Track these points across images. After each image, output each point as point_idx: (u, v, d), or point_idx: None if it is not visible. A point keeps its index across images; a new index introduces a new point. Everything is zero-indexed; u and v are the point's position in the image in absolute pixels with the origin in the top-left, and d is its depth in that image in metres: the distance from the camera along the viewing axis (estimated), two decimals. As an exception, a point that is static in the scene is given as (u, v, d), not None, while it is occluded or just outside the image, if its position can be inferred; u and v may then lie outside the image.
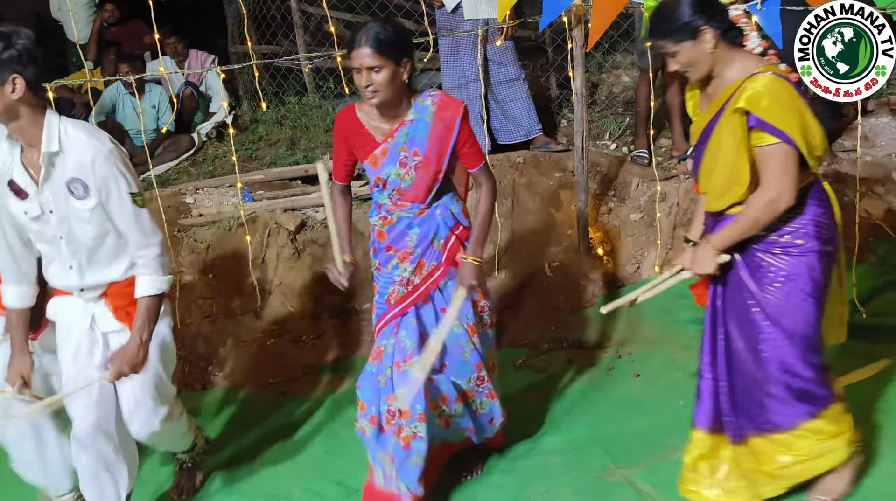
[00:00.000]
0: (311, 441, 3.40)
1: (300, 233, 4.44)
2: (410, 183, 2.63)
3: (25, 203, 2.44)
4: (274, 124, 5.68)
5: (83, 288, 2.55)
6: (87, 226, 2.44)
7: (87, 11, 7.04)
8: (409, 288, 2.72)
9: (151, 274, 2.53)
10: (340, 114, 2.70)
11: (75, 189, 2.38)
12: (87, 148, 2.36)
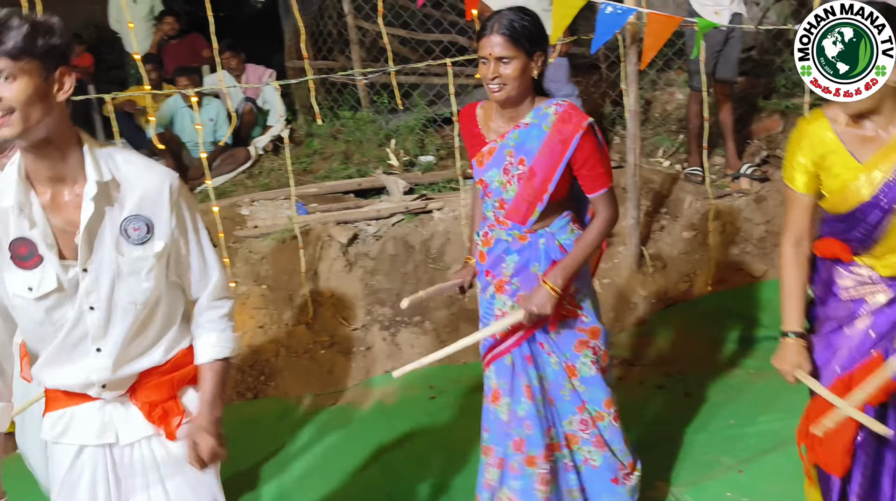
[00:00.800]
0: (360, 453, 3.43)
1: (352, 246, 4.50)
2: (513, 194, 2.37)
3: (33, 274, 1.71)
4: (328, 138, 5.77)
5: (106, 384, 1.81)
6: (143, 283, 1.78)
7: (146, 24, 7.23)
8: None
9: (224, 330, 1.91)
10: (462, 111, 2.52)
11: (135, 231, 1.75)
12: (152, 175, 1.77)
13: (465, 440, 3.41)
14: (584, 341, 2.50)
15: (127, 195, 1.75)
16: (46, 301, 1.73)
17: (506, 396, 2.51)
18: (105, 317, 1.78)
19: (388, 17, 4.72)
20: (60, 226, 1.72)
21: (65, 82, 1.65)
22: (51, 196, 1.71)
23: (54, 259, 1.71)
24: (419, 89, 5.97)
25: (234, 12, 13.17)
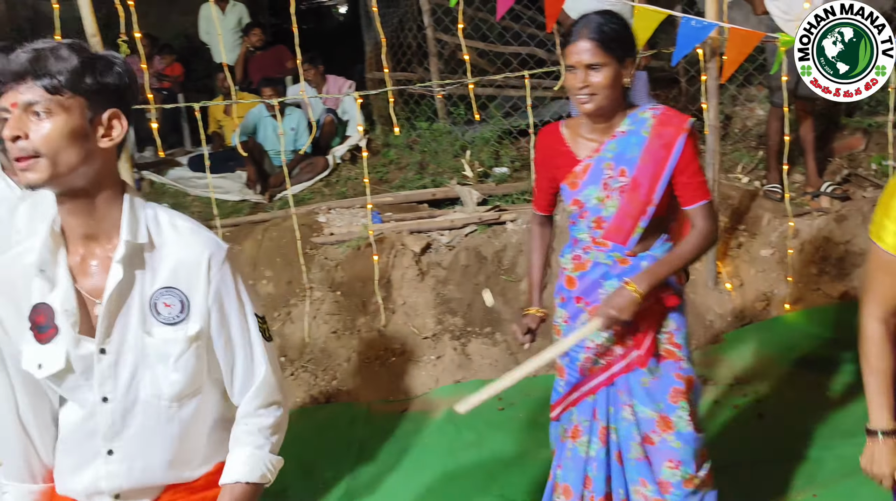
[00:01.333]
0: (428, 461, 3.47)
1: (425, 255, 4.56)
2: (613, 211, 2.19)
3: (46, 349, 1.43)
4: (405, 148, 5.87)
5: (119, 495, 1.49)
6: (171, 374, 1.46)
7: (234, 35, 7.52)
8: (607, 358, 2.28)
9: (260, 447, 1.52)
10: (542, 132, 2.33)
11: (165, 307, 1.44)
12: (197, 243, 1.46)
13: (533, 453, 3.41)
14: (681, 391, 2.26)
15: (162, 263, 1.45)
16: (63, 382, 1.45)
17: (586, 434, 2.35)
18: (121, 412, 1.45)
19: (467, 30, 4.78)
20: (86, 295, 1.44)
21: (113, 127, 1.39)
22: (82, 257, 1.44)
23: (69, 332, 1.42)
24: (496, 101, 6.02)
25: (318, 25, 13.57)
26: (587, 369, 2.32)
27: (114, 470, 1.47)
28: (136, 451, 1.47)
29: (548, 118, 5.66)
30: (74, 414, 1.47)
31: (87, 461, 1.47)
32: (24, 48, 1.34)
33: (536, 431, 3.58)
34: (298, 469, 3.52)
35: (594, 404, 2.33)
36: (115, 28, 4.10)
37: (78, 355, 1.42)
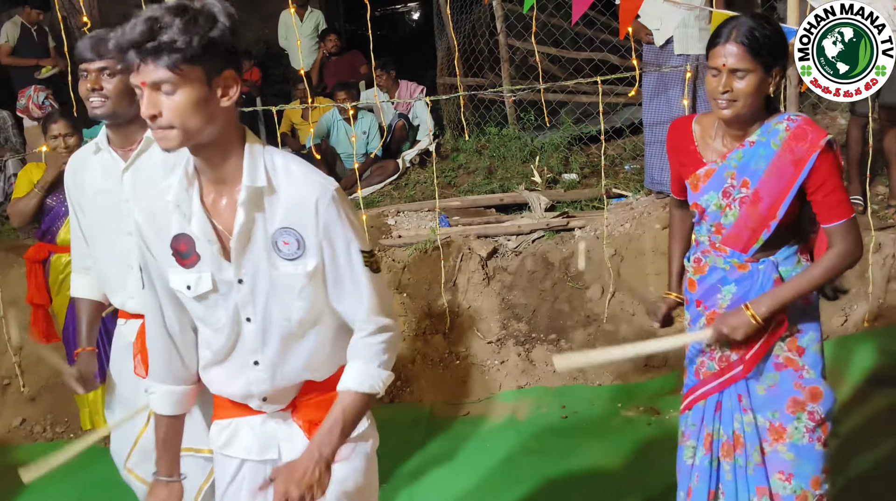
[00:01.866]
0: (489, 466, 3.46)
1: (491, 260, 4.55)
2: (733, 220, 2.12)
3: (191, 273, 1.64)
4: (473, 153, 5.88)
5: (266, 397, 1.72)
6: (294, 303, 1.65)
7: (310, 41, 7.70)
8: (721, 363, 2.21)
9: (369, 362, 1.68)
10: (674, 124, 2.28)
11: (285, 245, 1.60)
12: (306, 186, 1.59)
13: (595, 462, 3.37)
14: (800, 401, 2.15)
15: (279, 204, 1.59)
16: (205, 301, 1.66)
17: (692, 438, 2.29)
18: (262, 331, 1.67)
19: (539, 36, 4.77)
20: (221, 230, 1.62)
21: (230, 86, 1.51)
22: (213, 198, 1.62)
23: (211, 258, 1.61)
24: (567, 107, 5.98)
25: (392, 31, 13.76)
26: (701, 373, 2.27)
27: (260, 377, 1.70)
28: (276, 361, 1.68)
29: (619, 125, 5.59)
30: (222, 331, 1.68)
31: (238, 370, 1.71)
32: (137, 19, 1.46)
33: (599, 440, 3.53)
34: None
35: (703, 410, 2.27)
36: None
37: (221, 279, 1.63)
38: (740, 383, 2.19)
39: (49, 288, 3.88)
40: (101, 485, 3.72)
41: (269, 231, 1.60)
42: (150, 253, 1.69)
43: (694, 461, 2.28)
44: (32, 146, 5.90)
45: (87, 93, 2.20)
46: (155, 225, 1.65)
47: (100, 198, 2.30)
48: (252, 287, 1.64)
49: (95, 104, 2.19)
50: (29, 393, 4.41)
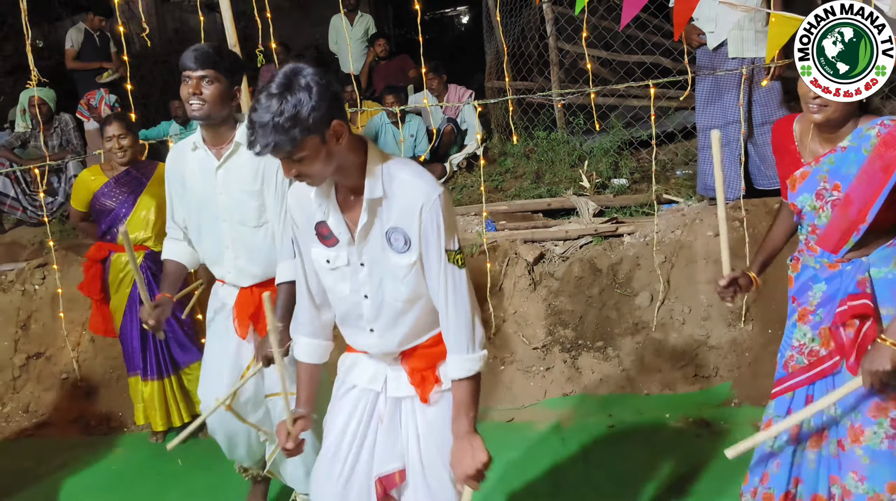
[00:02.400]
0: (535, 473, 3.43)
1: (538, 265, 4.52)
2: (826, 222, 2.22)
3: (330, 251, 2.05)
4: (521, 157, 5.85)
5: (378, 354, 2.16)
6: (400, 287, 2.02)
7: (360, 45, 7.77)
8: (810, 358, 2.31)
9: (461, 351, 2.00)
10: (777, 124, 2.40)
11: (395, 241, 1.97)
12: (414, 192, 1.94)
13: (642, 473, 3.31)
14: (882, 407, 2.20)
15: (392, 208, 1.96)
16: (337, 273, 2.08)
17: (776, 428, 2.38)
18: (376, 306, 2.07)
19: (589, 39, 4.72)
20: (349, 223, 2.02)
21: (340, 133, 1.87)
22: (344, 197, 2.02)
23: (346, 243, 2.03)
24: (617, 111, 5.90)
25: (441, 35, 13.81)
26: (790, 366, 2.36)
27: (374, 341, 2.12)
28: (386, 330, 2.09)
29: (671, 129, 5.50)
30: (346, 302, 2.10)
31: (358, 334, 2.14)
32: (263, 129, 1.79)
33: (646, 450, 3.47)
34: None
35: (790, 402, 2.35)
36: (253, 39, 4.31)
37: (351, 260, 2.03)
38: (828, 378, 2.27)
39: (108, 286, 3.99)
40: (150, 476, 3.81)
41: (385, 228, 1.98)
42: (299, 229, 2.10)
43: (774, 448, 2.37)
44: (92, 148, 6.08)
45: (188, 97, 2.59)
46: (303, 210, 2.06)
47: (197, 190, 2.76)
48: (370, 271, 2.03)
49: (195, 107, 2.59)
50: (86, 388, 4.55)
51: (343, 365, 2.25)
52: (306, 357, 2.21)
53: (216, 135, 2.70)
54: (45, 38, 8.81)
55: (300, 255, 2.14)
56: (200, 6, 4.47)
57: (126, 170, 3.92)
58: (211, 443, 4.06)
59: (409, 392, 2.13)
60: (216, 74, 2.59)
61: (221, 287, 2.91)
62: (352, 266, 2.04)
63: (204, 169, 2.74)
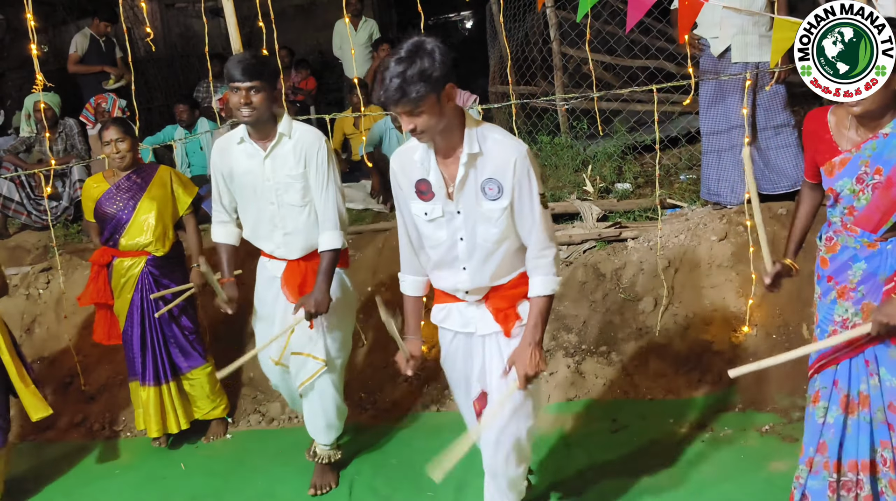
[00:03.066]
0: (537, 478, 3.42)
1: (542, 270, 4.51)
2: (865, 203, 2.37)
3: (427, 204, 2.49)
4: (525, 162, 5.84)
5: (468, 291, 2.58)
6: (491, 229, 2.46)
7: (364, 50, 7.78)
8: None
9: (546, 274, 2.50)
10: (811, 115, 2.52)
11: (490, 190, 2.41)
12: (507, 150, 2.38)
13: (646, 478, 3.30)
14: None
15: (487, 163, 2.40)
16: (433, 223, 2.52)
17: (825, 400, 2.54)
18: (469, 247, 2.51)
19: (593, 43, 4.72)
20: (447, 177, 2.45)
21: (452, 96, 2.30)
22: (443, 156, 2.43)
23: (441, 197, 2.47)
24: (620, 115, 5.90)
25: (444, 39, 13.82)
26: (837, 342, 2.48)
27: (465, 279, 2.56)
28: (477, 268, 2.53)
29: (675, 134, 5.49)
30: (442, 246, 2.54)
31: (452, 273, 2.58)
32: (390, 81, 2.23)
33: (652, 457, 3.46)
34: (407, 472, 3.56)
35: (835, 374, 2.51)
36: (257, 43, 4.32)
37: (446, 211, 2.49)
38: (868, 350, 2.44)
39: (112, 290, 3.99)
40: (154, 480, 3.80)
41: (479, 180, 2.42)
42: (401, 190, 2.55)
43: (826, 419, 2.54)
44: (96, 153, 6.10)
45: (239, 106, 2.98)
46: (405, 172, 2.51)
47: (246, 178, 3.18)
48: (465, 217, 2.48)
49: (245, 114, 2.99)
50: (88, 392, 4.55)
51: (437, 317, 2.71)
52: (412, 291, 2.73)
53: (261, 131, 3.11)
54: (50, 42, 8.84)
55: (401, 211, 2.60)
56: (205, 11, 4.49)
57: (126, 176, 3.91)
58: (214, 447, 4.07)
59: (494, 328, 2.59)
60: (262, 84, 2.96)
61: (269, 261, 3.33)
62: (446, 215, 2.48)
63: (252, 160, 3.15)
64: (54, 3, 8.94)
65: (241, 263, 4.40)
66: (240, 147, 3.17)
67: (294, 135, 3.13)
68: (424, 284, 2.73)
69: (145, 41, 6.16)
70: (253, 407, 4.34)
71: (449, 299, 2.65)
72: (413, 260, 2.69)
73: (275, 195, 3.16)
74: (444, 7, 13.54)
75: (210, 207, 5.66)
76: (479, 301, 2.60)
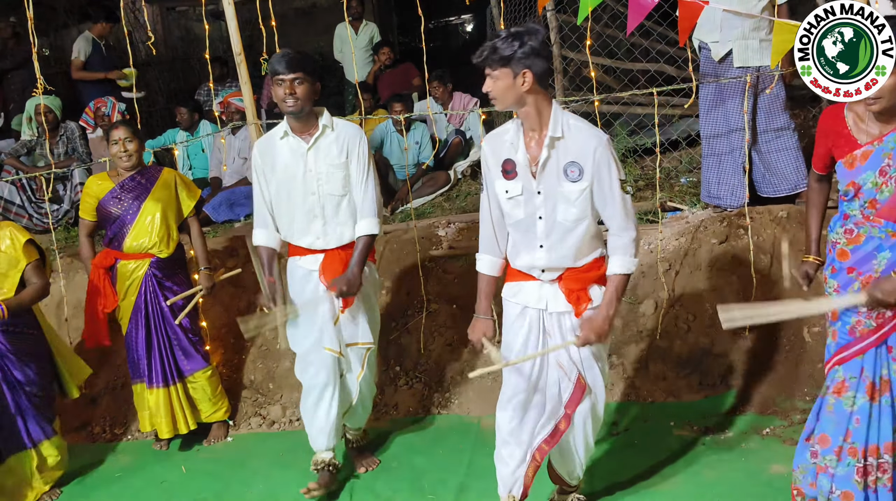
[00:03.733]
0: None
1: (543, 273, 4.51)
2: (888, 195, 2.44)
3: (510, 183, 2.66)
4: (525, 165, 5.84)
5: (545, 270, 2.72)
6: (570, 208, 2.62)
7: (365, 54, 7.79)
8: (878, 320, 2.53)
9: (625, 254, 2.67)
10: (827, 111, 2.60)
11: (571, 172, 2.58)
12: (588, 137, 2.57)
13: (647, 481, 3.30)
14: None
15: (570, 146, 2.58)
16: (513, 201, 2.68)
17: (852, 390, 2.60)
18: (548, 226, 2.66)
19: (593, 47, 4.73)
20: (531, 159, 2.63)
21: (526, 82, 2.51)
22: (529, 138, 2.64)
23: (524, 177, 2.64)
24: (621, 118, 5.90)
25: (445, 43, 13.84)
26: (857, 331, 2.56)
27: (542, 256, 2.71)
28: (554, 246, 2.68)
29: (675, 137, 5.50)
30: (521, 224, 2.70)
31: (529, 251, 2.73)
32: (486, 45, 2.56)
33: (652, 460, 3.46)
34: (408, 476, 3.57)
35: (862, 362, 2.56)
36: (258, 47, 4.33)
37: (527, 189, 2.65)
38: (892, 336, 2.52)
39: (116, 292, 3.99)
40: (155, 483, 3.80)
41: (562, 162, 2.60)
42: (489, 170, 2.73)
43: (853, 408, 2.60)
44: (96, 156, 6.10)
45: (284, 97, 3.12)
46: (494, 152, 2.70)
47: (289, 170, 3.27)
48: (545, 196, 2.64)
49: (290, 104, 3.12)
50: (89, 395, 4.55)
51: (509, 293, 2.84)
52: (489, 270, 2.86)
53: (304, 124, 3.23)
54: (51, 46, 8.85)
55: (486, 191, 2.76)
56: (206, 14, 4.49)
57: (131, 177, 3.92)
58: (215, 450, 4.06)
59: (566, 308, 2.72)
60: (305, 76, 3.10)
61: (302, 258, 3.37)
62: (526, 194, 2.65)
63: (295, 153, 3.26)
64: (55, 7, 8.95)
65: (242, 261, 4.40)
66: (282, 142, 3.27)
67: (336, 128, 3.26)
68: (500, 265, 2.84)
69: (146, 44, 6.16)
70: (254, 410, 4.34)
71: (524, 277, 2.77)
72: (492, 241, 2.81)
73: (316, 185, 3.25)
74: (444, 10, 13.55)
75: (211, 210, 5.74)
76: (552, 280, 2.72)
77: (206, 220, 5.67)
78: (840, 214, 2.59)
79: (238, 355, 4.57)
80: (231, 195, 5.83)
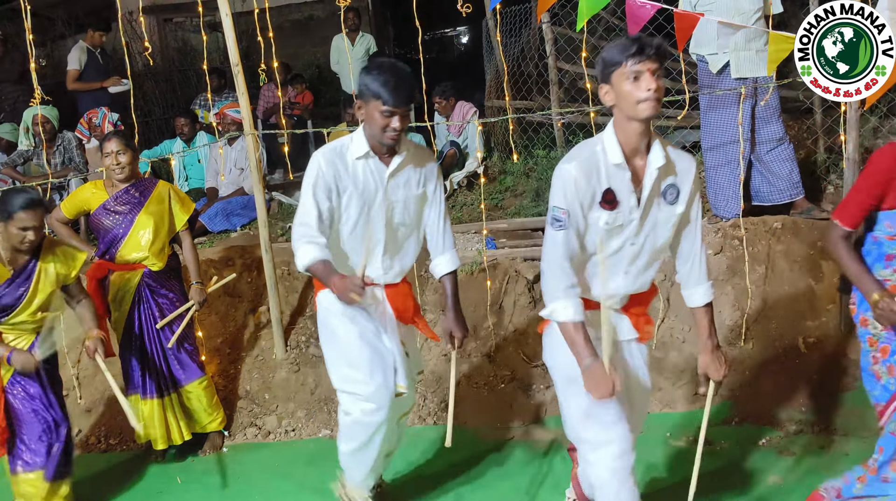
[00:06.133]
0: (535, 491, 3.41)
1: (538, 283, 4.52)
2: None
3: (610, 213, 2.42)
4: (521, 176, 5.87)
5: (612, 295, 2.53)
6: (666, 232, 2.50)
7: (362, 65, 7.79)
8: None
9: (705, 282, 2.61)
10: (884, 152, 2.47)
11: (670, 195, 2.46)
12: (687, 160, 2.49)
13: (644, 492, 3.29)
14: None
15: (669, 169, 2.45)
16: (611, 231, 2.45)
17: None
18: (635, 251, 2.51)
19: (589, 59, 4.76)
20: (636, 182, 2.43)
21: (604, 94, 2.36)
22: (634, 163, 2.43)
23: (627, 204, 2.43)
24: (616, 130, 5.92)
25: (441, 54, 13.91)
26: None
27: (622, 283, 2.54)
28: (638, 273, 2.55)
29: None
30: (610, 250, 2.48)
31: (612, 276, 2.53)
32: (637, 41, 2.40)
33: (650, 471, 3.45)
34: (403, 485, 3.55)
35: None
36: (255, 58, 4.33)
37: (629, 218, 2.45)
38: None
39: (109, 304, 3.98)
40: (150, 494, 3.79)
41: (662, 186, 2.46)
42: (578, 201, 2.40)
43: None
44: (93, 166, 6.11)
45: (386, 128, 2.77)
46: (589, 182, 2.39)
47: (365, 195, 2.93)
48: (643, 222, 2.47)
49: (391, 137, 2.80)
50: (85, 406, 4.53)
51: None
52: (579, 316, 2.45)
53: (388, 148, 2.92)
54: (48, 56, 8.87)
55: (568, 227, 2.42)
56: (203, 26, 4.51)
57: (125, 189, 3.91)
58: (210, 461, 4.05)
59: (633, 335, 2.63)
60: (407, 109, 2.85)
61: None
62: (626, 222, 2.45)
63: (375, 176, 2.92)
64: (53, 18, 8.97)
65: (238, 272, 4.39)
66: (362, 162, 2.91)
67: (411, 153, 2.96)
68: (582, 306, 2.47)
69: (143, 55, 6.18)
70: (249, 421, 4.33)
71: (590, 306, 2.49)
72: (571, 282, 2.44)
73: (390, 213, 2.95)
74: (441, 22, 13.62)
75: (207, 220, 5.74)
76: (619, 309, 2.60)
77: (203, 230, 5.67)
78: (881, 255, 2.52)
79: (234, 365, 4.56)
80: (227, 205, 5.84)
